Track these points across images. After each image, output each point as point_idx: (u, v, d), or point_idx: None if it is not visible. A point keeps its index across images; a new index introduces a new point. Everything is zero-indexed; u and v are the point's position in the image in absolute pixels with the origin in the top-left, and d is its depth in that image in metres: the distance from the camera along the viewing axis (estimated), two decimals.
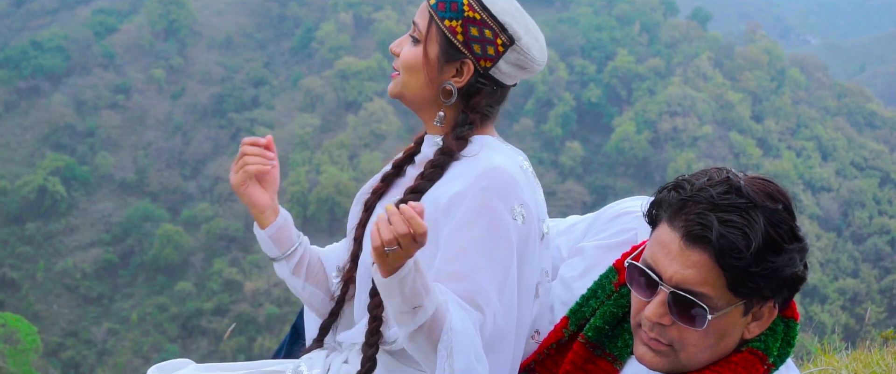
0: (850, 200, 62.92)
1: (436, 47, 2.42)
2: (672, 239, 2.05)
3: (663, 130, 65.41)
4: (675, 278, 2.04)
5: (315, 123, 66.10)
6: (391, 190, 2.61)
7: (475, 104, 2.45)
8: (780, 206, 2.04)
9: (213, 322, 51.88)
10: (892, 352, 4.92)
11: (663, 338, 2.11)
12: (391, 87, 2.51)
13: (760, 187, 2.06)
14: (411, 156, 2.61)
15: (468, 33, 2.39)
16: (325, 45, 72.95)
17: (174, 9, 73.34)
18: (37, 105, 67.47)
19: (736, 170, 2.12)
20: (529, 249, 2.37)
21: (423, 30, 2.43)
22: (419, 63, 2.43)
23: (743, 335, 2.14)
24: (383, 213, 2.41)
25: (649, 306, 2.09)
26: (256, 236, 2.67)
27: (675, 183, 2.12)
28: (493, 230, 2.31)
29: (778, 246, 2.00)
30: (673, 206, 2.07)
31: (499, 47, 2.41)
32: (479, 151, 2.43)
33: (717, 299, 2.03)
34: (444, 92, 2.43)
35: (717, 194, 2.02)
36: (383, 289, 2.18)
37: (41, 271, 56.08)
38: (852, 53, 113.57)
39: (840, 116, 72.34)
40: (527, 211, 2.35)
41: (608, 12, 77.00)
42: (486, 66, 2.43)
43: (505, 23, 2.39)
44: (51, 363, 47.19)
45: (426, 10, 2.44)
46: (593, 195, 60.88)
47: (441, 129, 2.48)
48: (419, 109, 2.51)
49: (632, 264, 2.14)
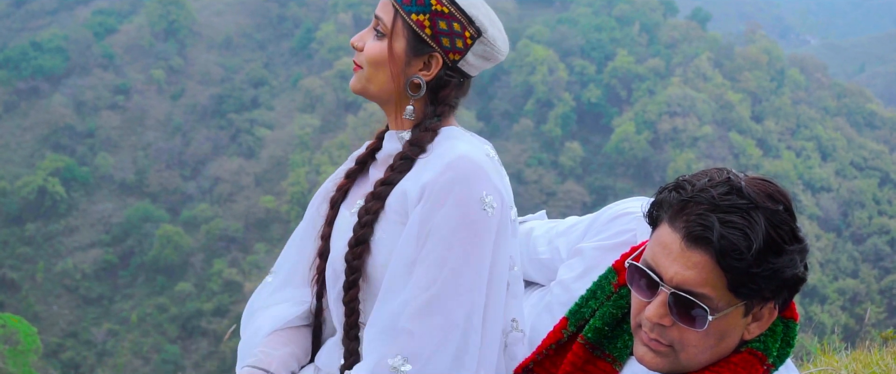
0: (850, 200, 62.93)
1: (402, 42, 2.40)
2: (673, 240, 2.05)
3: (663, 131, 65.42)
4: (676, 279, 2.04)
5: (315, 124, 66.10)
6: (355, 187, 2.59)
7: (444, 97, 2.44)
8: (780, 207, 2.04)
9: (212, 323, 51.88)
10: (892, 352, 4.93)
11: (663, 339, 2.10)
12: (354, 82, 2.48)
13: (761, 187, 2.06)
14: (373, 152, 2.59)
15: (436, 27, 2.38)
16: (325, 46, 72.96)
17: (174, 9, 73.36)
18: (36, 106, 67.47)
19: (736, 170, 2.12)
20: (500, 237, 2.36)
21: (389, 24, 2.41)
22: (385, 58, 2.41)
23: (743, 336, 2.13)
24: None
25: (650, 307, 2.09)
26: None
27: (675, 183, 2.12)
28: (464, 220, 2.30)
29: (779, 247, 2.00)
30: (674, 206, 2.07)
31: (467, 40, 2.40)
32: (444, 141, 2.42)
33: (717, 301, 2.03)
34: (413, 86, 2.42)
35: (718, 194, 2.02)
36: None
37: (41, 271, 56.08)
38: (852, 53, 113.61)
39: (840, 117, 72.37)
40: (497, 199, 2.34)
41: (608, 13, 77.00)
42: (455, 58, 2.41)
43: (473, 16, 2.39)
44: (51, 364, 47.21)
45: (390, 4, 2.41)
46: (593, 196, 60.86)
47: (409, 123, 2.46)
48: (384, 103, 2.49)
49: (632, 265, 2.14)
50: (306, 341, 2.63)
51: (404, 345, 2.26)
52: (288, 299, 2.65)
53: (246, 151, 65.63)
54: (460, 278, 2.28)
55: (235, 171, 63.48)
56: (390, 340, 2.28)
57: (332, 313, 2.55)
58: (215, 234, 58.47)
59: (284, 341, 2.59)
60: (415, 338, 2.26)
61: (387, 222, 2.41)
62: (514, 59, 68.21)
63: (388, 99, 2.47)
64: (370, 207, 2.42)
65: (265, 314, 2.65)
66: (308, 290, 2.65)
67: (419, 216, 2.32)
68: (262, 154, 65.55)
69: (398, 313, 2.29)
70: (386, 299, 2.33)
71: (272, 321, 2.62)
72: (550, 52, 69.88)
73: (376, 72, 2.43)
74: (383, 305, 2.33)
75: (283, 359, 2.55)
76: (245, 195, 62.11)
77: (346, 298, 2.42)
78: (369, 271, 2.43)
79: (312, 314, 2.64)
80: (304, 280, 2.66)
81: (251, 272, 55.02)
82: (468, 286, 2.29)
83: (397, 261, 2.34)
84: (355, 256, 2.41)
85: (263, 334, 2.60)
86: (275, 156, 64.99)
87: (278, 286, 2.69)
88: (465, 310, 2.29)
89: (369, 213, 2.42)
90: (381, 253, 2.40)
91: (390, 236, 2.39)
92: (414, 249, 2.32)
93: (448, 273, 2.28)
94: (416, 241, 2.32)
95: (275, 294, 2.68)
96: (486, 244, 2.31)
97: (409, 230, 2.33)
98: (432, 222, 2.30)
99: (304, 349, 2.62)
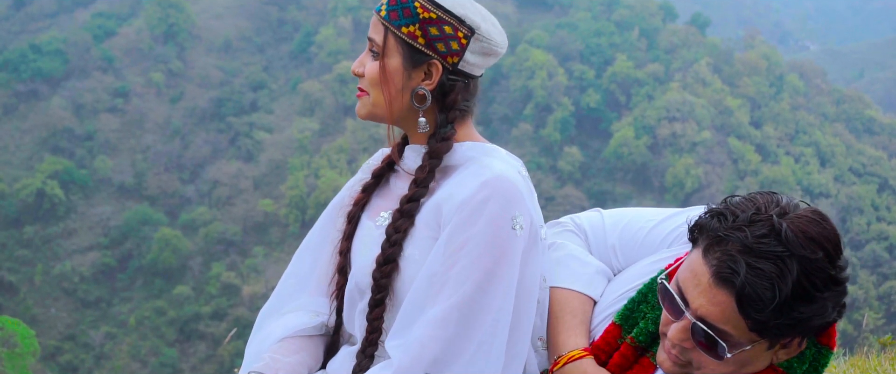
0: (849, 206, 62.95)
1: (398, 58, 2.39)
2: (703, 272, 2.04)
3: (662, 136, 65.45)
4: (701, 311, 2.05)
5: (314, 128, 66.10)
6: (373, 200, 2.58)
7: (452, 102, 2.43)
8: (820, 254, 1.98)
9: (210, 326, 51.86)
10: (890, 358, 4.93)
11: (683, 356, 2.12)
12: (359, 108, 2.48)
13: (804, 229, 2.00)
14: (391, 165, 2.58)
15: (428, 34, 2.37)
16: (325, 50, 72.98)
17: (173, 12, 73.38)
18: (35, 108, 67.47)
19: (787, 200, 2.05)
20: (528, 255, 2.36)
21: (382, 43, 2.40)
22: (382, 78, 2.41)
23: (771, 361, 2.14)
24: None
25: (673, 328, 2.11)
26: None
27: (720, 210, 2.08)
28: (494, 239, 2.30)
29: (809, 295, 1.97)
30: (710, 238, 2.04)
31: (462, 40, 2.39)
32: (481, 157, 2.41)
33: (738, 337, 2.03)
34: (418, 97, 2.41)
35: (754, 237, 1.98)
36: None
37: (39, 274, 56.05)
38: (851, 59, 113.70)
39: (838, 122, 72.41)
40: (526, 219, 2.34)
41: (607, 18, 77.06)
42: (454, 61, 2.40)
43: (462, 15, 2.38)
44: (48, 367, 47.18)
45: (379, 24, 2.40)
46: (592, 201, 60.85)
47: (425, 135, 2.46)
48: (397, 122, 2.48)
49: (663, 285, 2.15)
50: (318, 350, 2.61)
51: (427, 357, 2.26)
52: (302, 308, 2.63)
53: (245, 155, 65.64)
54: (486, 295, 2.28)
55: (234, 174, 63.49)
56: (413, 352, 2.27)
57: (354, 327, 2.54)
58: (214, 237, 58.45)
59: (295, 348, 2.57)
60: (437, 350, 2.26)
61: (416, 238, 2.40)
62: (514, 63, 68.26)
63: (399, 117, 2.46)
64: (399, 225, 2.40)
65: (277, 321, 2.63)
66: (323, 299, 2.63)
67: (450, 232, 2.32)
68: (261, 158, 65.56)
69: (422, 325, 2.28)
70: (410, 312, 2.33)
71: (283, 328, 2.60)
72: (550, 56, 69.92)
73: (381, 92, 2.42)
74: (407, 317, 2.33)
75: (292, 367, 2.53)
76: (244, 199, 62.11)
77: (371, 315, 2.41)
78: (396, 288, 2.41)
79: (330, 328, 2.63)
80: (318, 289, 2.64)
81: (249, 276, 55.01)
82: (494, 303, 2.29)
83: (424, 275, 2.33)
84: (384, 274, 2.40)
85: (273, 340, 2.58)
86: (274, 159, 64.99)
87: (292, 293, 2.67)
88: (489, 325, 2.28)
89: (398, 231, 2.40)
90: (408, 271, 2.39)
91: (421, 252, 2.38)
92: (441, 264, 2.31)
93: (474, 289, 2.28)
94: (443, 256, 2.31)
95: (288, 302, 2.66)
96: (513, 263, 2.31)
97: (438, 246, 2.33)
98: (463, 238, 2.30)
99: (316, 358, 2.60)
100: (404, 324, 2.32)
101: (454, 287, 2.28)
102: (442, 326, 2.26)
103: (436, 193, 2.41)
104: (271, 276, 51.38)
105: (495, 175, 2.34)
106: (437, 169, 2.43)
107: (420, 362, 2.25)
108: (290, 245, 53.29)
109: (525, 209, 2.34)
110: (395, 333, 2.33)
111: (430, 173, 2.41)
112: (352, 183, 2.66)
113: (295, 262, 2.71)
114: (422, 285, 2.33)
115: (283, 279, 2.70)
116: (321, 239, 2.67)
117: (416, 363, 2.26)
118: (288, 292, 2.68)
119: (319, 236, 2.68)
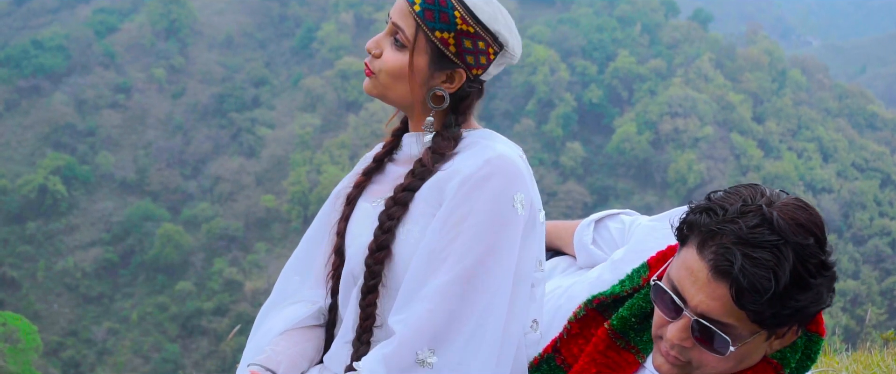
0: (851, 201, 62.91)
1: (425, 57, 2.38)
2: (700, 268, 2.02)
3: (664, 131, 65.43)
4: (701, 308, 2.03)
5: (316, 123, 66.12)
6: (371, 185, 2.58)
7: (466, 107, 2.45)
8: (811, 240, 1.99)
9: (213, 322, 51.88)
10: (893, 354, 4.92)
11: (682, 356, 2.11)
12: (370, 87, 2.46)
13: (793, 216, 2.00)
14: (391, 151, 2.58)
15: (461, 45, 2.36)
16: (326, 45, 73.00)
17: (175, 8, 73.39)
18: (37, 104, 67.50)
19: (769, 190, 2.06)
20: (527, 237, 2.36)
21: (410, 36, 2.38)
22: (406, 72, 2.39)
23: (765, 353, 2.14)
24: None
25: (672, 328, 2.09)
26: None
27: (707, 205, 2.07)
28: (494, 215, 2.30)
29: (805, 283, 1.98)
30: (703, 233, 2.03)
31: (491, 56, 2.40)
32: (482, 139, 2.42)
33: (740, 329, 2.02)
34: (436, 98, 2.41)
35: (747, 226, 1.97)
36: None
37: (41, 270, 56.10)
38: (853, 54, 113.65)
39: (841, 118, 72.36)
40: (527, 200, 2.35)
41: (609, 13, 77.04)
42: (478, 73, 2.42)
43: (496, 31, 2.37)
44: (51, 363, 47.20)
45: (411, 15, 2.37)
46: (594, 196, 60.87)
47: (430, 129, 2.46)
48: (403, 108, 2.49)
49: (657, 285, 2.13)
50: (319, 340, 2.60)
51: (428, 330, 2.25)
52: (302, 300, 2.63)
53: (247, 151, 65.66)
54: (487, 270, 2.28)
55: (236, 170, 63.51)
56: (415, 325, 2.26)
57: (347, 313, 2.52)
58: (216, 233, 58.49)
59: (296, 340, 2.56)
60: (440, 322, 2.26)
61: (416, 214, 2.39)
62: None
63: (408, 106, 2.47)
64: (392, 212, 2.40)
65: (278, 314, 2.63)
66: (323, 291, 2.62)
67: (451, 207, 2.32)
68: (263, 153, 65.58)
69: (424, 298, 2.28)
70: (412, 287, 2.32)
71: (284, 321, 2.59)
72: (552, 52, 69.89)
73: (396, 83, 2.41)
74: (409, 292, 2.32)
75: (293, 359, 2.52)
76: (246, 195, 62.14)
77: (363, 301, 2.40)
78: (389, 275, 2.41)
79: (326, 312, 2.62)
80: (318, 281, 2.64)
81: (251, 272, 55.04)
82: (493, 280, 2.29)
83: (423, 251, 2.32)
84: (376, 261, 2.39)
85: (274, 333, 2.58)
86: (275, 155, 65.01)
87: (293, 286, 2.67)
88: (486, 301, 2.28)
89: (392, 218, 2.40)
90: (402, 258, 2.38)
91: (420, 229, 2.37)
92: (441, 238, 2.31)
93: (475, 262, 2.27)
94: (442, 231, 2.31)
95: (289, 295, 2.66)
96: (513, 240, 2.31)
97: (438, 221, 2.33)
98: (464, 212, 2.30)
99: (317, 348, 2.59)
100: (406, 300, 2.32)
101: (456, 260, 2.28)
102: (444, 298, 2.26)
103: (437, 172, 2.41)
104: (273, 271, 51.37)
105: (498, 154, 2.34)
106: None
107: (422, 334, 2.25)
108: (292, 241, 53.28)
109: (526, 190, 2.35)
110: (397, 309, 2.32)
111: (427, 169, 2.41)
112: (356, 170, 2.67)
113: (296, 255, 2.71)
114: (422, 261, 2.32)
115: (284, 273, 2.70)
116: (321, 231, 2.67)
117: (418, 335, 2.25)
118: (289, 286, 2.68)
119: (318, 226, 2.68)
